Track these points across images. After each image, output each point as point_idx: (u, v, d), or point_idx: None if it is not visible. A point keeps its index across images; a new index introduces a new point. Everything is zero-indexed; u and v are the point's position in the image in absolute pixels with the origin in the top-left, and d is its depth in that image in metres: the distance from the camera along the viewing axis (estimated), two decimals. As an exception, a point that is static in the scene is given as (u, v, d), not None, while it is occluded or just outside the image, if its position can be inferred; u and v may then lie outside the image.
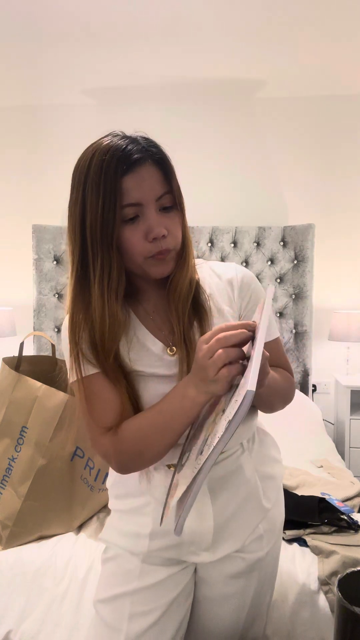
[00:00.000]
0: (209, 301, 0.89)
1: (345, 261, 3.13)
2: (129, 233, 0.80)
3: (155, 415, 0.80)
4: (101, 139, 0.82)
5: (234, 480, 0.92)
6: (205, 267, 0.95)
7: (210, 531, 0.90)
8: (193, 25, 2.34)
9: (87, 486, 1.51)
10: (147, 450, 0.82)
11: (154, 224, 0.80)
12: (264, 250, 3.00)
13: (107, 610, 0.93)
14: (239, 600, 0.96)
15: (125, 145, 0.79)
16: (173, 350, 0.87)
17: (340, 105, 3.08)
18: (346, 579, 0.69)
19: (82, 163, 0.81)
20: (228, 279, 0.93)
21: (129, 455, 0.83)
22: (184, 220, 0.86)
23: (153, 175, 0.80)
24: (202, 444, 0.71)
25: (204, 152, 3.10)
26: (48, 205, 3.17)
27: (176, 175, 0.84)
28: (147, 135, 0.84)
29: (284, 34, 2.41)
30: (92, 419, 0.84)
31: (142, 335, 0.87)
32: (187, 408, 0.76)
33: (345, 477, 1.89)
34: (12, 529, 1.41)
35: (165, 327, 0.89)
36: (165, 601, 0.92)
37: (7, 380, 1.46)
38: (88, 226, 0.79)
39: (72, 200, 0.82)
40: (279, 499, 1.01)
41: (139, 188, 0.78)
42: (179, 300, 0.86)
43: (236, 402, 0.61)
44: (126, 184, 0.78)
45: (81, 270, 0.82)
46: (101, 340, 0.82)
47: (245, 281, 0.93)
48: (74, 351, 0.83)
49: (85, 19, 2.29)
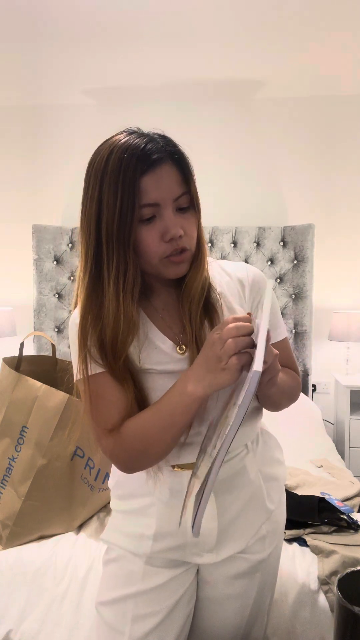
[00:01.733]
0: (220, 300, 0.88)
1: (345, 261, 3.13)
2: (145, 233, 0.79)
3: (156, 413, 0.80)
4: (117, 135, 0.80)
5: (238, 481, 0.92)
6: (215, 265, 0.94)
7: (215, 532, 0.90)
8: (193, 25, 2.34)
9: (87, 486, 1.52)
10: (151, 447, 0.81)
11: (171, 224, 0.79)
12: (263, 251, 3.01)
13: (109, 613, 0.92)
14: (242, 601, 0.96)
15: (144, 144, 0.77)
16: (183, 349, 0.86)
17: (340, 105, 3.08)
18: (346, 579, 0.69)
19: (99, 160, 0.79)
20: (239, 278, 0.92)
21: (133, 454, 0.83)
22: (199, 221, 0.85)
23: (172, 175, 0.79)
24: (215, 439, 0.71)
25: (204, 152, 3.10)
26: (48, 205, 3.17)
27: (194, 176, 0.83)
28: (165, 133, 0.83)
29: (284, 34, 2.42)
30: (97, 418, 0.84)
31: (151, 333, 0.86)
32: (187, 403, 0.76)
33: (345, 476, 1.89)
34: (12, 529, 1.42)
35: (174, 325, 0.88)
36: (168, 603, 0.91)
37: (7, 380, 1.46)
38: (104, 225, 0.78)
39: (87, 196, 0.80)
40: (282, 501, 1.01)
41: (157, 188, 0.77)
42: (192, 301, 0.86)
43: (244, 388, 0.62)
44: (145, 184, 0.76)
45: (95, 270, 0.81)
46: (112, 342, 0.81)
47: (257, 280, 0.93)
48: (83, 352, 0.82)
49: (86, 20, 2.29)
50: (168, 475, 0.90)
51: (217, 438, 0.70)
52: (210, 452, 0.71)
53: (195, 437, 0.87)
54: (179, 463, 0.89)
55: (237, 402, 0.64)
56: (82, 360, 0.83)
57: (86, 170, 0.82)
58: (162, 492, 0.90)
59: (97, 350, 0.82)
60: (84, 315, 0.82)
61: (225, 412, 0.73)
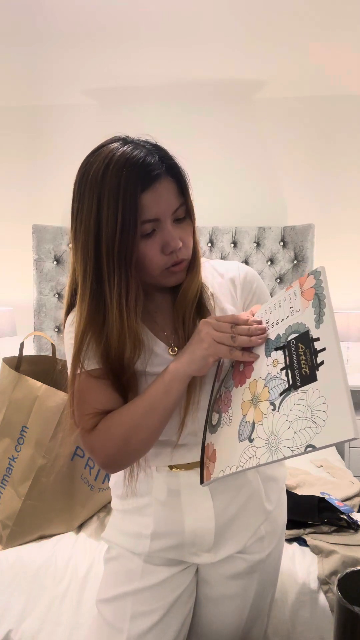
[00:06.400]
0: (211, 301, 0.89)
1: (345, 261, 3.13)
2: (146, 247, 0.79)
3: (138, 399, 0.80)
4: (110, 145, 0.78)
5: (236, 481, 0.92)
6: (207, 266, 0.95)
7: (212, 532, 0.90)
8: (194, 25, 2.34)
9: (87, 486, 1.52)
10: (131, 436, 0.79)
11: (171, 237, 0.79)
12: (263, 251, 3.01)
13: (108, 610, 0.92)
14: (240, 601, 0.96)
15: (141, 158, 0.75)
16: (175, 351, 0.87)
17: (340, 105, 3.08)
18: (346, 579, 0.69)
19: (94, 172, 0.76)
20: (230, 278, 0.93)
21: (113, 443, 0.81)
22: (194, 229, 0.86)
23: (170, 190, 0.79)
24: (243, 426, 0.72)
25: (204, 152, 3.10)
26: (48, 205, 3.17)
27: (189, 187, 0.83)
28: (154, 139, 0.82)
29: (283, 34, 2.41)
30: (82, 416, 0.83)
31: (145, 337, 0.86)
32: (167, 381, 0.77)
33: (345, 476, 1.89)
34: (12, 529, 1.42)
35: (167, 327, 0.89)
36: (167, 601, 0.92)
37: (7, 380, 1.47)
38: (104, 242, 0.76)
39: (82, 209, 0.78)
40: (282, 501, 1.01)
41: (157, 204, 0.77)
42: (186, 306, 0.86)
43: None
44: (145, 200, 0.76)
45: (97, 286, 0.79)
46: (119, 359, 0.80)
47: (248, 279, 0.93)
48: (76, 361, 0.82)
49: (86, 20, 2.29)
50: (165, 475, 0.90)
51: (248, 427, 0.72)
52: (241, 442, 0.74)
53: (190, 437, 0.87)
54: (176, 464, 0.90)
55: (294, 444, 0.64)
56: (74, 364, 0.83)
57: (78, 179, 0.80)
58: (159, 492, 0.91)
59: (97, 359, 0.82)
60: (84, 331, 0.81)
61: (247, 391, 0.75)
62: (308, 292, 0.73)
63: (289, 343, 0.71)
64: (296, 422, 0.64)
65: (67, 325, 0.88)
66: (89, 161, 0.79)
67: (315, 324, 0.68)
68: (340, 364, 0.62)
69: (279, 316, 0.75)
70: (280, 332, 0.73)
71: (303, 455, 0.65)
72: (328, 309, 0.68)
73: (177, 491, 0.90)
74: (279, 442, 0.65)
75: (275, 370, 0.71)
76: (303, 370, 0.67)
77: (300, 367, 0.67)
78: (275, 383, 0.70)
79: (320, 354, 0.65)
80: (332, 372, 0.63)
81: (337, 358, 0.63)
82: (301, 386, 0.66)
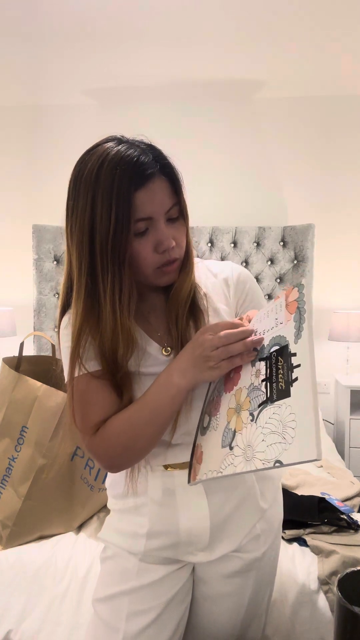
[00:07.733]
0: (204, 300, 0.89)
1: (345, 261, 3.13)
2: (139, 246, 0.79)
3: (142, 406, 0.81)
4: (104, 144, 0.79)
5: (231, 480, 0.92)
6: (201, 266, 0.95)
7: (207, 531, 0.90)
8: (194, 25, 2.34)
9: (87, 486, 1.52)
10: (136, 441, 0.81)
11: (164, 236, 0.79)
12: (263, 251, 3.01)
13: (105, 609, 0.93)
14: (236, 600, 0.96)
15: (135, 157, 0.76)
16: (168, 351, 0.88)
17: (340, 105, 3.08)
18: (346, 579, 0.69)
19: (88, 171, 0.77)
20: (224, 278, 0.93)
21: (118, 450, 0.83)
22: (187, 229, 0.86)
23: (164, 189, 0.79)
24: (226, 433, 0.72)
25: (204, 152, 3.10)
26: (48, 205, 3.15)
27: (182, 187, 0.83)
28: (148, 139, 0.82)
29: (283, 34, 2.42)
30: (84, 419, 0.84)
31: (139, 337, 0.87)
32: (172, 394, 0.78)
33: (345, 476, 1.89)
34: (12, 529, 1.42)
35: (160, 327, 0.90)
36: (163, 600, 0.92)
37: (7, 380, 1.46)
38: (97, 240, 0.77)
39: (76, 207, 0.79)
40: (277, 499, 1.01)
41: (150, 203, 0.77)
42: (179, 306, 0.87)
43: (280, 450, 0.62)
44: (138, 199, 0.76)
45: (91, 284, 0.80)
46: (112, 356, 0.81)
47: (241, 279, 0.94)
48: (74, 360, 0.82)
49: (86, 20, 2.29)
50: (160, 475, 0.91)
51: (228, 434, 0.72)
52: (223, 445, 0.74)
53: (184, 437, 0.88)
54: (170, 463, 0.90)
55: (262, 460, 0.64)
56: (71, 365, 0.83)
57: (73, 178, 0.80)
58: (155, 492, 0.91)
59: (98, 360, 0.83)
60: (80, 329, 0.82)
61: (233, 398, 0.75)
62: (292, 305, 0.72)
63: (271, 355, 0.70)
64: (269, 436, 0.64)
65: (62, 328, 0.88)
66: (84, 160, 0.80)
67: (294, 339, 0.68)
68: (312, 383, 0.62)
69: (266, 326, 0.75)
70: (265, 342, 0.73)
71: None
72: (307, 325, 0.67)
73: (172, 490, 0.90)
74: (253, 453, 0.65)
75: (257, 381, 0.71)
76: (280, 384, 0.66)
77: (277, 380, 0.67)
78: (256, 394, 0.70)
79: (296, 369, 0.65)
80: (303, 390, 0.62)
81: (310, 376, 0.63)
82: (277, 400, 0.66)
